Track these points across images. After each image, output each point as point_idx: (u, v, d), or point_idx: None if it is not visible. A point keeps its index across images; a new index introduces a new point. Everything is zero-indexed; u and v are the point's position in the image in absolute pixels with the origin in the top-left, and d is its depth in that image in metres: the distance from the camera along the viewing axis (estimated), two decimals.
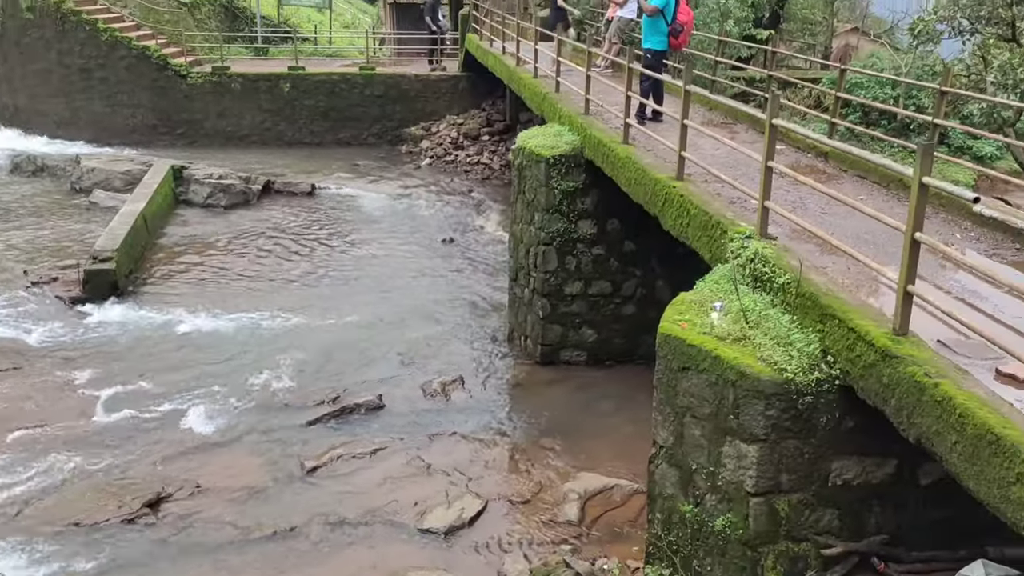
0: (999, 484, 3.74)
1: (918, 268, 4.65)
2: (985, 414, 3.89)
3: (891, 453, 5.35)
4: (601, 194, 11.12)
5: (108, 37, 23.20)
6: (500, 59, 18.81)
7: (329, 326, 12.97)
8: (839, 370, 5.15)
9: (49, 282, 13.66)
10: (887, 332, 4.73)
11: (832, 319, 5.18)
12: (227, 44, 26.28)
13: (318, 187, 20.11)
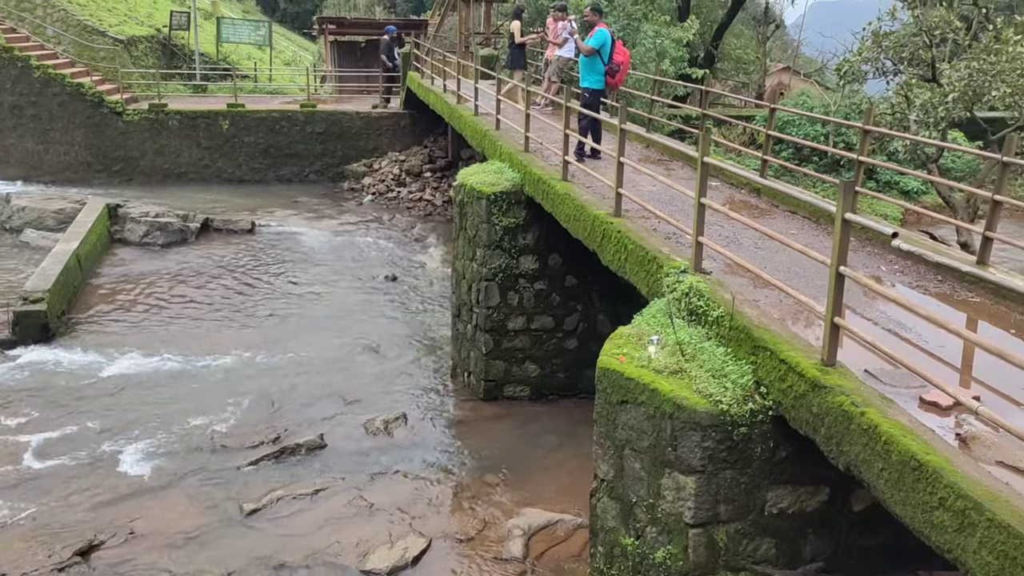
0: (923, 509, 3.86)
1: (846, 300, 4.81)
2: (909, 441, 4.02)
3: (824, 481, 5.48)
4: (542, 230, 11.25)
5: (41, 74, 22.81)
6: (441, 97, 18.97)
7: (269, 366, 12.79)
8: (772, 401, 5.28)
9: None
10: (816, 363, 4.87)
11: (764, 351, 5.31)
12: (165, 81, 26.03)
13: (258, 225, 19.91)
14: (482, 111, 15.40)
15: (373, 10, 60.50)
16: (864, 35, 15.43)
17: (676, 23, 22.68)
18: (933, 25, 14.08)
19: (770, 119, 10.67)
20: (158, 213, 18.72)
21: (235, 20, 34.87)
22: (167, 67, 28.28)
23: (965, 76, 13.14)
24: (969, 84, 13.13)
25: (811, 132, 21.97)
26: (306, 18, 74.61)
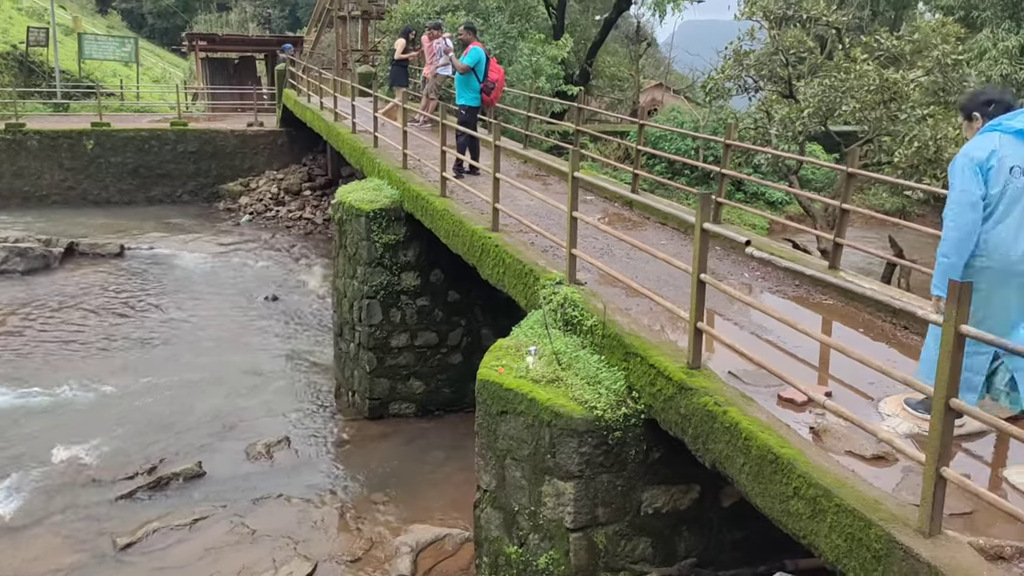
0: (780, 499, 4.10)
1: (714, 306, 5.06)
2: (766, 436, 4.27)
3: (694, 479, 5.72)
4: (423, 246, 11.29)
5: None
6: (319, 115, 18.77)
7: (144, 393, 12.30)
8: (643, 404, 5.48)
9: None
10: (683, 367, 5.10)
11: (635, 357, 5.52)
12: (22, 100, 24.71)
13: (128, 248, 19.13)
14: (360, 129, 15.33)
15: (247, 26, 59.19)
16: (727, 54, 16.21)
17: (551, 41, 23.21)
18: (789, 45, 14.93)
19: (639, 135, 11.07)
20: (17, 238, 17.75)
21: (98, 36, 33.51)
22: (24, 85, 26.87)
23: (819, 92, 14.00)
24: (823, 100, 14.00)
25: (682, 147, 22.83)
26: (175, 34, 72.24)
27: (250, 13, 67.06)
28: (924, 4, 32.99)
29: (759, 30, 16.03)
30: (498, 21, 21.11)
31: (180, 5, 75.98)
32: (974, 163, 4.12)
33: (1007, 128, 4.20)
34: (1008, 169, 4.14)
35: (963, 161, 4.18)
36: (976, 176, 4.11)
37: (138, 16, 76.38)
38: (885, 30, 15.84)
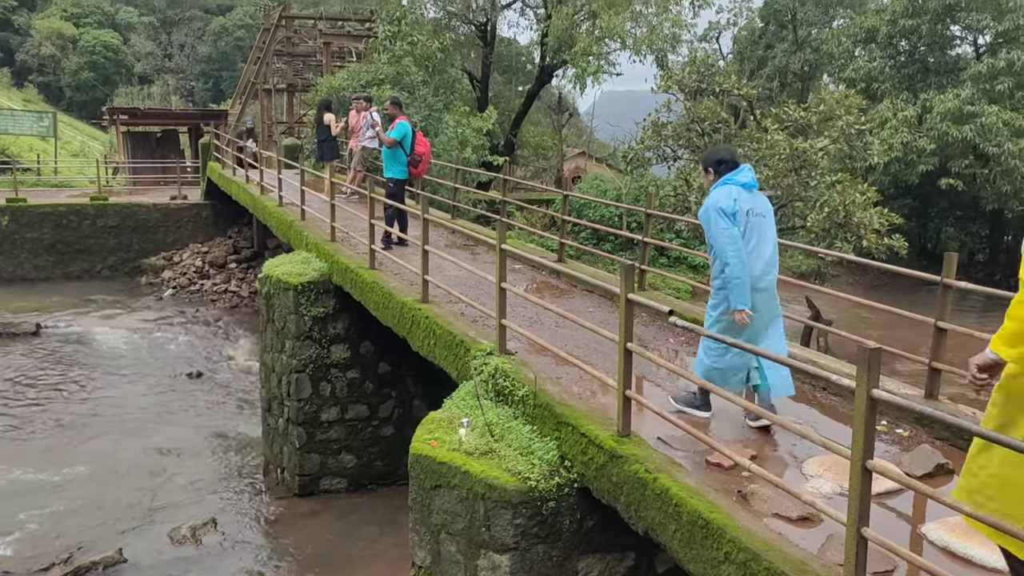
0: (712, 564, 4.18)
1: (643, 372, 5.18)
2: (696, 502, 4.36)
3: (629, 547, 5.76)
4: (352, 318, 11.25)
5: None
6: (244, 187, 18.68)
7: (60, 479, 11.80)
8: (576, 473, 5.53)
9: None
10: (613, 435, 5.19)
11: (566, 426, 5.59)
12: None
13: (44, 326, 18.55)
14: (287, 201, 15.31)
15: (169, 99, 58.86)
16: (646, 125, 16.81)
17: (476, 113, 23.69)
18: (704, 116, 15.58)
19: (563, 204, 11.33)
20: None
21: (15, 111, 32.86)
22: None
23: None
24: None
25: (606, 214, 23.35)
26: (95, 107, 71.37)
27: (172, 86, 66.83)
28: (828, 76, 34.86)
29: (675, 102, 16.71)
30: (423, 94, 21.50)
31: (100, 79, 75.19)
32: (724, 210, 5.40)
33: (737, 182, 5.57)
34: (745, 212, 5.48)
35: (715, 210, 5.42)
36: (727, 218, 5.39)
37: (56, 89, 75.26)
38: (793, 101, 16.70)
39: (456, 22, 26.04)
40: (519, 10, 27.07)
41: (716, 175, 5.67)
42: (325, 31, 30.86)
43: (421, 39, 21.94)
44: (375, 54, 23.02)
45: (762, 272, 5.51)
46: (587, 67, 21.40)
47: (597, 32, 21.71)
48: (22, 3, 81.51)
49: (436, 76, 22.90)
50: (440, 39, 22.72)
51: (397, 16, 22.16)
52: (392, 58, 21.55)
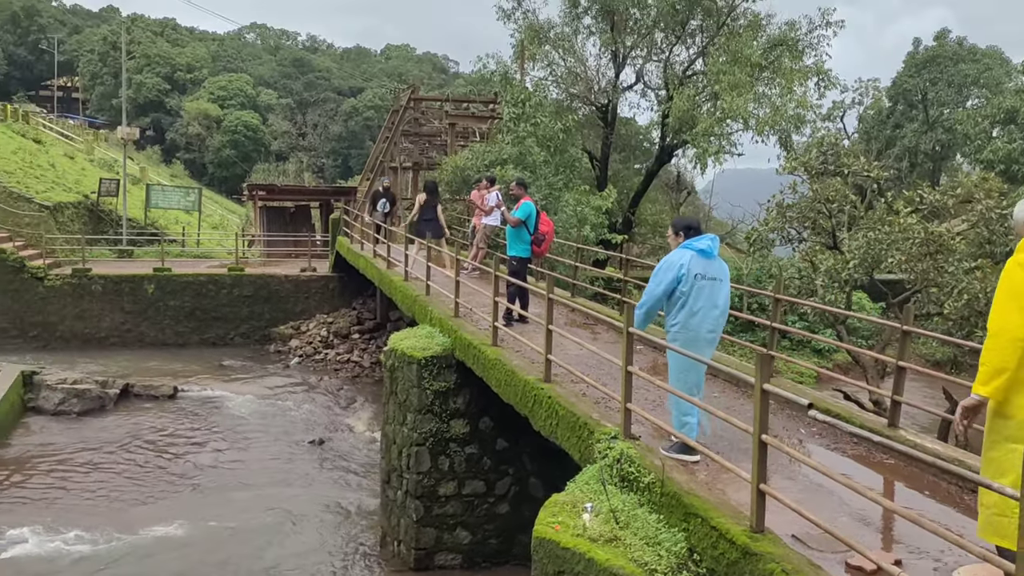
0: None
1: (769, 462, 5.03)
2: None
3: None
4: (472, 393, 11.37)
5: None
6: (371, 262, 19.38)
7: (187, 541, 12.25)
8: (706, 568, 5.36)
9: None
10: (745, 529, 5.02)
11: (695, 517, 5.44)
12: (90, 246, 25.93)
13: (181, 390, 19.52)
14: (412, 276, 15.77)
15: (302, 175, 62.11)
16: (769, 206, 16.58)
17: (596, 192, 23.96)
18: (831, 198, 15.26)
19: None
20: (76, 379, 18.22)
21: (165, 187, 35.35)
22: (93, 232, 28.27)
23: (863, 244, 14.17)
24: (868, 252, 14.15)
25: None
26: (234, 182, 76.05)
27: (305, 163, 70.55)
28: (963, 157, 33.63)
29: (801, 184, 16.46)
30: (545, 173, 21.94)
31: (239, 156, 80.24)
32: (672, 267, 6.47)
33: (695, 247, 6.53)
34: (694, 276, 6.45)
35: (665, 265, 6.58)
36: (669, 274, 6.48)
37: (200, 165, 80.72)
38: (926, 183, 16.17)
39: (578, 103, 26.61)
40: (640, 92, 27.46)
41: (684, 238, 6.68)
42: (451, 112, 32.10)
43: (544, 120, 22.49)
44: (499, 135, 23.73)
45: (709, 329, 6.56)
46: (708, 147, 21.41)
47: (719, 113, 21.76)
48: (174, 87, 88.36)
49: (557, 156, 23.35)
50: (562, 120, 23.23)
51: (521, 99, 22.84)
52: (516, 139, 22.14)
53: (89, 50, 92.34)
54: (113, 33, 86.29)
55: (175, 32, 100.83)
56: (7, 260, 22.77)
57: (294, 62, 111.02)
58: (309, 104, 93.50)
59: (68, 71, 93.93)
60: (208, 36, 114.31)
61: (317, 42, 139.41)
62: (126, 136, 31.23)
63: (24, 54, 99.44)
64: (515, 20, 26.09)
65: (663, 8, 24.41)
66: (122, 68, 38.15)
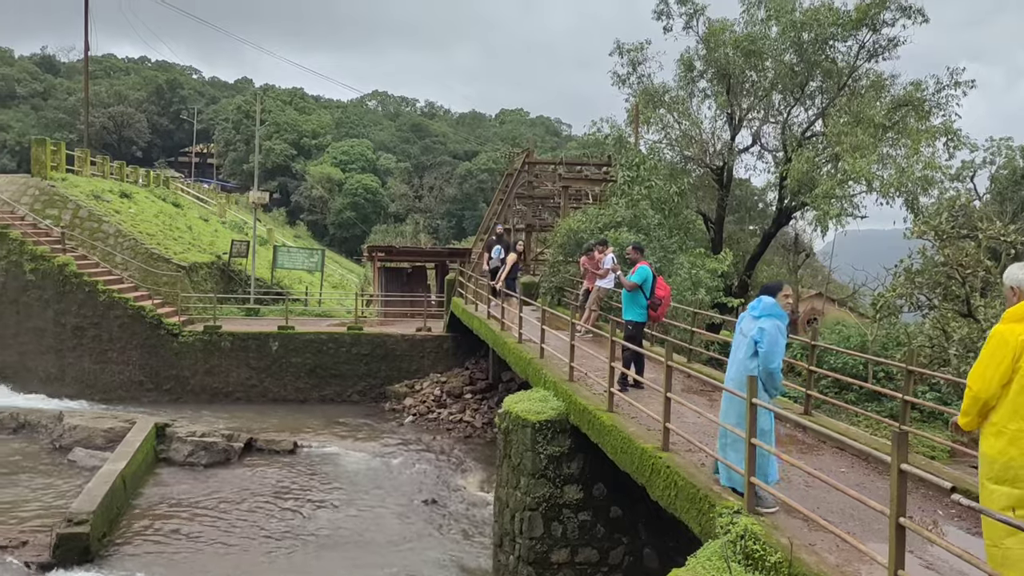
0: None
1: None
2: None
3: None
4: (586, 459, 11.27)
5: (106, 298, 24.15)
6: (485, 323, 19.63)
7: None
8: None
9: (18, 546, 13.21)
10: None
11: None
12: (221, 304, 27.28)
13: (300, 445, 20.10)
14: (525, 338, 15.87)
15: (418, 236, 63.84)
16: (897, 271, 15.94)
17: (710, 254, 23.64)
18: (963, 263, 14.57)
19: (811, 354, 10.87)
20: (204, 433, 19.04)
21: (291, 248, 36.98)
22: (224, 291, 29.76)
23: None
24: None
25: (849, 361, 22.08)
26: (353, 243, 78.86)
27: (421, 224, 72.58)
28: None
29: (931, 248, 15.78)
30: (659, 235, 21.83)
31: (359, 217, 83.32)
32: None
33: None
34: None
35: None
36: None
37: (321, 226, 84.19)
38: None
39: (692, 165, 26.49)
40: (756, 153, 27.14)
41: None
42: (564, 175, 32.47)
43: (658, 183, 22.47)
44: (612, 197, 23.82)
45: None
46: (829, 209, 20.85)
47: (840, 175, 21.22)
48: (300, 152, 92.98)
49: (671, 218, 23.24)
50: (677, 183, 23.17)
51: (636, 162, 22.92)
52: (630, 201, 22.18)
53: (224, 119, 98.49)
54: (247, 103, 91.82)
55: (302, 101, 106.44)
56: (146, 317, 24.22)
57: (412, 127, 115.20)
58: (426, 167, 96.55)
59: (204, 139, 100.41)
60: (332, 104, 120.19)
61: (434, 108, 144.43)
62: (257, 200, 32.97)
63: (166, 123, 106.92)
64: (629, 85, 26.38)
65: (781, 71, 24.19)
66: (256, 136, 40.44)
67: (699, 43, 25.35)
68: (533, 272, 29.72)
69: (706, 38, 25.03)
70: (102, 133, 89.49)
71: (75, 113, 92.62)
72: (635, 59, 26.15)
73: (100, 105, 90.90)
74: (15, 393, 23.62)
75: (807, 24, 23.59)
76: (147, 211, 32.80)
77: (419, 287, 35.02)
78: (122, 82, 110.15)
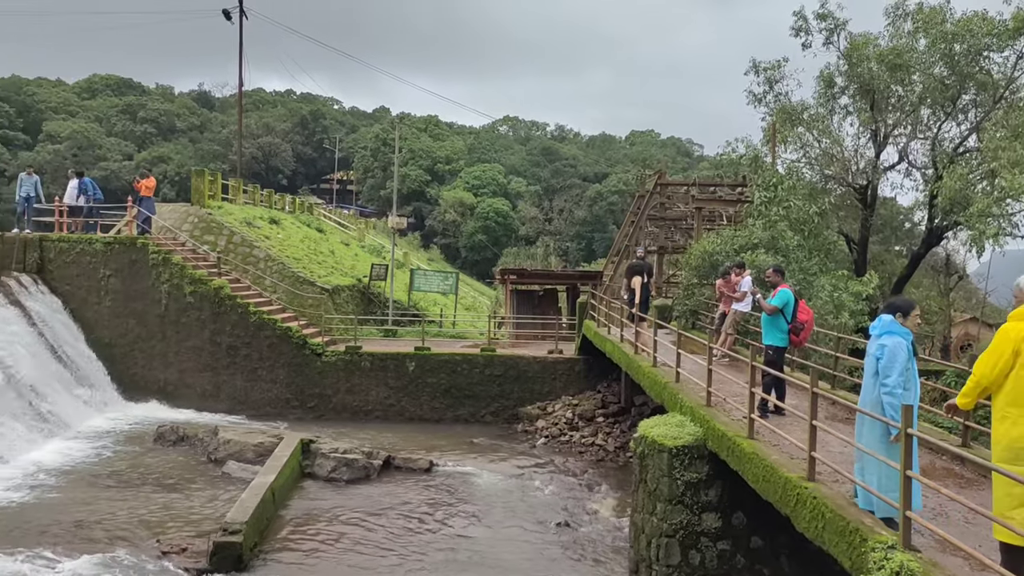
0: None
1: None
2: None
3: None
4: (725, 486, 11.05)
5: (256, 319, 25.52)
6: (618, 346, 19.55)
7: None
8: None
9: (179, 552, 14.08)
10: None
11: None
12: (361, 326, 28.32)
13: (436, 464, 20.52)
14: (660, 362, 15.72)
15: (549, 259, 64.30)
16: None
17: (853, 277, 22.74)
18: None
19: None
20: (346, 449, 19.74)
21: (427, 271, 38.03)
22: (364, 313, 30.89)
23: None
24: None
25: None
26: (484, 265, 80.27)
27: (551, 246, 73.10)
28: None
29: None
30: (798, 257, 21.20)
31: (490, 240, 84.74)
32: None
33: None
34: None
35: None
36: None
37: (454, 249, 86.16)
38: None
39: (833, 185, 25.65)
40: (903, 171, 26.00)
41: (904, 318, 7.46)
42: (697, 196, 32.05)
43: (797, 203, 21.86)
44: (748, 219, 23.32)
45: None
46: (985, 229, 19.69)
47: (997, 192, 20.02)
48: (434, 177, 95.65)
49: (811, 239, 22.53)
50: (817, 203, 22.47)
51: (773, 182, 22.40)
52: (767, 223, 21.67)
53: (363, 147, 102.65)
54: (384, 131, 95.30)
55: (437, 128, 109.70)
56: (293, 337, 25.45)
57: (543, 151, 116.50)
58: (556, 190, 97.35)
59: (344, 166, 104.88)
60: (465, 130, 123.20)
61: (564, 131, 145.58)
62: (395, 225, 34.13)
63: (309, 152, 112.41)
64: (766, 103, 25.88)
65: (930, 84, 23.14)
66: (394, 162, 41.96)
67: (840, 58, 24.60)
68: (665, 295, 29.39)
69: (848, 53, 24.25)
70: (251, 163, 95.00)
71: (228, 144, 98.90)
72: (772, 77, 25.64)
73: (250, 136, 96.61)
74: (178, 408, 25.24)
75: (959, 35, 22.49)
76: (293, 236, 34.51)
77: (550, 309, 35.23)
78: (270, 114, 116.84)
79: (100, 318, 25.97)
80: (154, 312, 25.87)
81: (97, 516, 16.12)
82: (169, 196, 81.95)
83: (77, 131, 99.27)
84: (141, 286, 25.91)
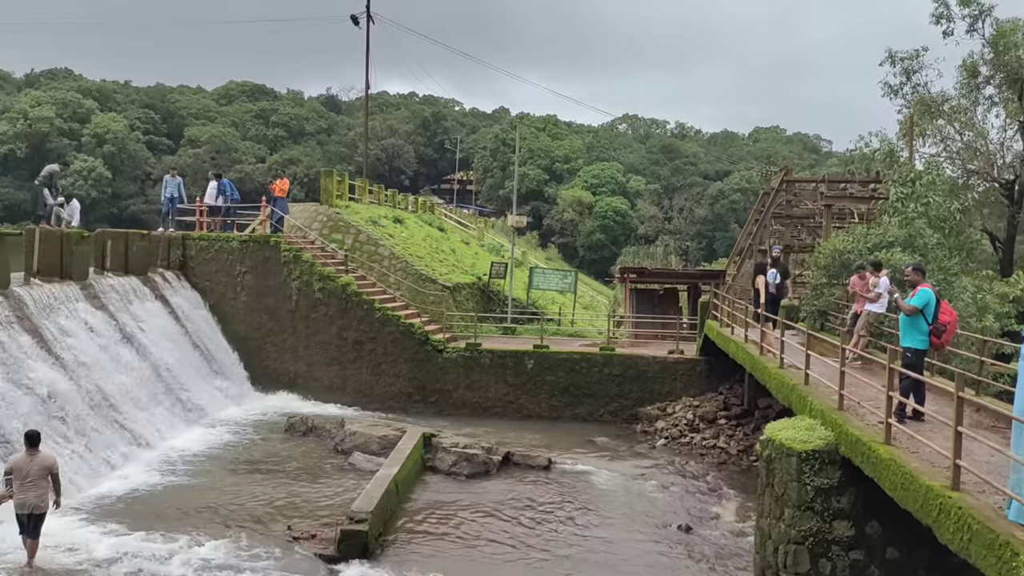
0: None
1: None
2: None
3: None
4: (858, 493, 10.60)
5: (381, 315, 26.22)
6: (742, 347, 19.07)
7: None
8: None
9: (308, 539, 14.62)
10: None
11: None
12: (480, 323, 28.67)
13: (554, 461, 20.54)
14: (787, 364, 15.23)
15: (669, 258, 63.38)
16: None
17: (999, 277, 21.41)
18: None
19: None
20: (466, 444, 20.03)
21: (546, 270, 38.17)
22: (483, 310, 31.26)
23: None
24: None
25: None
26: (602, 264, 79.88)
27: (671, 246, 72.02)
28: None
29: None
30: (937, 256, 20.11)
31: (608, 239, 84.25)
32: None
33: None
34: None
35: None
36: None
37: (572, 249, 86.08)
38: None
39: (976, 180, 24.22)
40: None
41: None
42: (826, 193, 30.87)
43: (937, 200, 20.74)
44: (883, 216, 22.29)
45: None
46: None
47: None
48: (552, 177, 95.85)
49: (952, 238, 21.33)
50: (958, 199, 21.26)
51: (911, 177, 21.33)
52: (903, 220, 20.64)
53: (482, 147, 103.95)
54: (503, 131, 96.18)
55: (555, 127, 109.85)
56: (415, 334, 26.03)
57: (662, 149, 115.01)
58: (676, 189, 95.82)
59: (464, 166, 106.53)
60: (584, 129, 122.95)
61: (685, 129, 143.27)
62: (516, 224, 34.42)
63: (431, 153, 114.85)
64: (903, 95, 24.69)
65: None
66: (514, 162, 42.32)
67: (985, 46, 23.20)
68: (791, 295, 28.45)
69: (994, 40, 22.85)
70: (376, 164, 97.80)
71: (353, 146, 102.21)
72: (909, 67, 24.45)
73: (375, 138, 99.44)
74: (306, 400, 26.23)
75: None
76: (416, 235, 35.28)
77: (670, 309, 34.70)
78: (393, 116, 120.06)
79: (236, 313, 27.25)
80: (285, 307, 26.95)
81: (232, 501, 16.93)
82: (299, 196, 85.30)
83: (215, 135, 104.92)
84: (273, 282, 27.04)
